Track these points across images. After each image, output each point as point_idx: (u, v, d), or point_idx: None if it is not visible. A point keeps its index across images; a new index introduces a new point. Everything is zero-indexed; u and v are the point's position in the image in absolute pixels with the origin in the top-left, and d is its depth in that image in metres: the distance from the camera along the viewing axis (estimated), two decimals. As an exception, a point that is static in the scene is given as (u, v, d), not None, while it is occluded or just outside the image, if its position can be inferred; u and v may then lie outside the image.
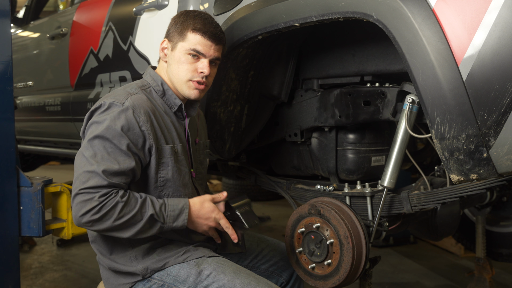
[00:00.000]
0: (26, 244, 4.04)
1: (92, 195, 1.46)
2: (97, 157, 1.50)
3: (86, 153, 1.51)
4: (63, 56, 3.09)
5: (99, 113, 1.56)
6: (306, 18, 1.62)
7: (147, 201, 1.54)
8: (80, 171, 1.49)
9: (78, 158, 1.53)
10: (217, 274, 1.58)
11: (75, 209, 1.47)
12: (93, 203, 1.45)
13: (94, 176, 1.47)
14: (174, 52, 1.67)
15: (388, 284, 3.23)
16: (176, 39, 1.67)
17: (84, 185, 1.47)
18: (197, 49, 1.64)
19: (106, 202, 1.46)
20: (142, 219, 1.52)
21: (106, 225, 1.48)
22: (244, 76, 2.07)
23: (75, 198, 1.47)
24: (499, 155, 1.34)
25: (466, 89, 1.32)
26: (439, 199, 1.71)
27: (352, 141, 2.01)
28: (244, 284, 1.55)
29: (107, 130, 1.51)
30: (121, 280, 1.65)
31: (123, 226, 1.50)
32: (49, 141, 3.53)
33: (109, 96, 1.61)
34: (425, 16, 1.36)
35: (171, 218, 1.57)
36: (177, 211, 1.58)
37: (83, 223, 1.48)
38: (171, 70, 1.69)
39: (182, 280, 1.59)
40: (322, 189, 1.99)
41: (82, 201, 1.46)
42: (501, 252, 2.71)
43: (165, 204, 1.57)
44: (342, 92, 1.94)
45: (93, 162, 1.49)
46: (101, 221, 1.47)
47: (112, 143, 1.51)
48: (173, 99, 1.70)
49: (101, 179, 1.47)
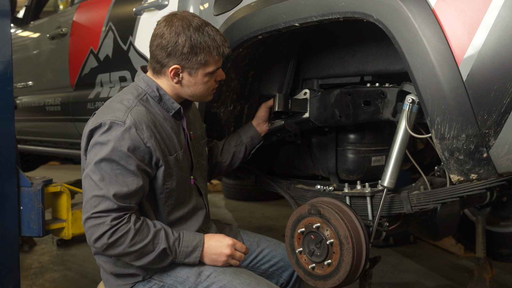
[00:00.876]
0: (26, 244, 4.04)
1: (103, 219, 1.47)
2: (106, 180, 1.49)
3: (94, 177, 1.49)
4: (63, 56, 3.09)
5: (101, 133, 1.53)
6: (306, 18, 1.62)
7: (161, 233, 1.54)
8: (90, 195, 1.49)
9: (86, 182, 1.52)
10: (217, 274, 1.58)
11: (88, 233, 1.49)
12: (105, 227, 1.46)
13: (104, 201, 1.47)
14: (195, 78, 1.64)
15: (388, 284, 3.23)
16: (194, 66, 1.61)
17: (95, 209, 1.47)
18: (218, 66, 1.66)
19: (119, 227, 1.47)
20: (154, 251, 1.53)
21: (119, 251, 1.49)
22: (244, 76, 2.07)
23: (87, 222, 1.48)
24: (499, 155, 1.34)
25: (466, 89, 1.32)
26: (439, 199, 1.71)
27: (352, 141, 2.01)
28: (244, 284, 1.54)
29: (113, 152, 1.49)
30: (121, 281, 1.65)
31: (136, 254, 1.51)
32: (49, 141, 3.53)
33: (106, 112, 1.57)
34: (425, 16, 1.36)
35: (183, 254, 1.58)
36: (191, 247, 1.59)
37: (97, 247, 1.49)
38: (191, 90, 1.67)
39: (182, 281, 1.59)
40: (322, 189, 1.99)
41: (94, 225, 1.47)
42: (501, 252, 2.71)
43: (180, 239, 1.57)
44: (342, 92, 1.94)
45: (102, 186, 1.48)
46: (114, 246, 1.48)
47: (119, 165, 1.50)
48: (171, 103, 1.68)
49: (112, 203, 1.47)
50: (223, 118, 2.11)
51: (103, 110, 1.61)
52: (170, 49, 1.59)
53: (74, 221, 2.43)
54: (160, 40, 1.60)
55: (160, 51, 1.61)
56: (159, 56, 1.62)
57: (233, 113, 2.13)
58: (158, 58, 1.62)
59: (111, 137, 1.51)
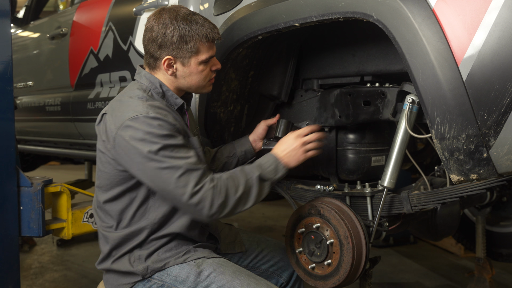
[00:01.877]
0: (26, 244, 4.05)
1: (204, 187, 1.52)
2: (176, 160, 1.51)
3: (165, 165, 1.50)
4: (63, 56, 3.09)
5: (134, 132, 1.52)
6: (306, 18, 1.62)
7: (245, 168, 1.63)
8: (174, 180, 1.50)
9: (162, 174, 1.51)
10: (216, 274, 1.58)
11: (198, 209, 1.52)
12: (209, 192, 1.52)
13: (189, 173, 1.51)
14: (189, 67, 1.65)
15: (388, 284, 3.23)
16: (186, 55, 1.63)
17: (189, 187, 1.50)
18: (211, 55, 1.67)
19: (217, 184, 1.54)
20: (253, 184, 1.60)
21: (232, 203, 1.55)
22: (244, 76, 2.07)
23: (191, 199, 1.50)
24: (499, 155, 1.34)
25: (466, 89, 1.32)
26: (439, 199, 1.71)
27: (352, 141, 2.01)
28: (243, 285, 1.55)
29: (159, 139, 1.50)
30: (121, 281, 1.65)
31: (244, 196, 1.58)
32: (49, 141, 3.53)
33: (124, 110, 1.56)
34: (425, 16, 1.36)
35: (272, 172, 1.66)
36: (273, 164, 1.67)
37: (215, 214, 1.53)
38: (187, 81, 1.68)
39: (182, 280, 1.59)
40: (322, 189, 1.99)
41: (200, 198, 1.51)
42: (501, 252, 2.71)
43: (260, 164, 1.66)
44: (342, 92, 1.94)
45: (178, 165, 1.50)
46: (226, 202, 1.54)
47: (172, 145, 1.52)
48: (174, 99, 1.69)
49: (197, 172, 1.53)
50: (223, 118, 2.11)
51: (119, 109, 1.59)
52: (160, 41, 1.61)
53: (74, 221, 2.43)
54: (150, 33, 1.63)
55: (152, 45, 1.64)
56: (151, 49, 1.65)
57: (233, 113, 2.13)
58: (151, 51, 1.65)
59: (147, 129, 1.51)
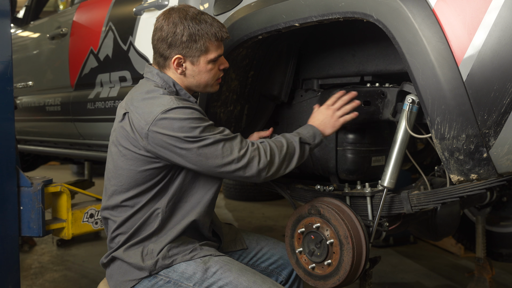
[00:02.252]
0: (26, 244, 4.05)
1: (247, 151, 1.59)
2: (216, 136, 1.57)
3: (207, 142, 1.56)
4: (63, 56, 3.09)
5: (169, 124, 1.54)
6: (306, 18, 1.62)
7: (285, 135, 1.71)
8: (219, 152, 1.57)
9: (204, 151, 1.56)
10: (223, 271, 1.59)
11: (248, 170, 1.59)
12: (254, 152, 1.59)
13: (230, 143, 1.59)
14: (198, 66, 1.68)
15: (388, 284, 3.23)
16: (195, 53, 1.65)
17: (234, 153, 1.58)
18: (220, 53, 1.69)
19: (259, 145, 1.62)
20: (296, 145, 1.68)
21: (277, 162, 1.63)
22: (244, 76, 2.07)
23: (240, 162, 1.58)
24: (499, 155, 1.34)
25: (466, 89, 1.32)
26: (439, 199, 1.71)
27: (352, 141, 2.01)
28: (250, 282, 1.56)
29: (195, 123, 1.55)
30: (127, 276, 1.65)
31: (288, 156, 1.66)
32: (49, 141, 3.53)
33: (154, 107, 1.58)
34: (425, 16, 1.36)
35: (311, 138, 1.73)
36: (311, 131, 1.74)
37: (263, 172, 1.61)
38: (196, 80, 1.70)
39: (189, 277, 1.60)
40: (322, 189, 1.99)
41: (248, 160, 1.58)
42: (501, 252, 2.71)
43: (298, 132, 1.73)
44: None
45: (219, 138, 1.56)
46: (273, 161, 1.62)
47: (207, 126, 1.57)
48: (187, 97, 1.71)
49: (235, 138, 1.61)
50: (223, 118, 2.11)
51: (146, 106, 1.60)
52: (170, 40, 1.64)
53: (74, 221, 2.44)
54: (160, 33, 1.66)
55: (161, 44, 1.66)
56: (161, 49, 1.67)
57: (233, 113, 2.13)
58: (161, 51, 1.67)
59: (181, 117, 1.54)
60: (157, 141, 1.56)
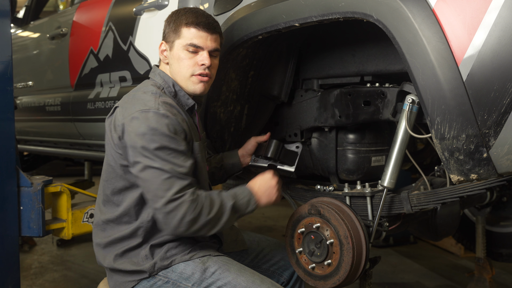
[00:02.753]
0: (26, 244, 4.04)
1: (183, 198, 1.50)
2: (168, 164, 1.51)
3: (156, 164, 1.51)
4: (63, 56, 3.09)
5: (139, 124, 1.53)
6: (306, 18, 1.62)
7: (222, 194, 1.63)
8: (158, 181, 1.50)
9: (148, 172, 1.52)
10: (222, 272, 1.59)
11: (170, 217, 1.50)
12: (185, 205, 1.50)
13: (175, 180, 1.51)
14: (173, 51, 1.68)
15: (388, 284, 3.23)
16: (172, 38, 1.67)
17: (170, 192, 1.49)
18: (194, 42, 1.65)
19: (197, 201, 1.53)
20: (225, 210, 1.59)
21: (201, 223, 1.53)
22: (244, 76, 2.07)
23: (167, 206, 1.49)
24: (499, 155, 1.34)
25: (466, 89, 1.32)
26: (439, 199, 1.71)
27: (352, 141, 2.01)
28: (248, 282, 1.56)
29: (161, 139, 1.52)
30: (126, 278, 1.65)
31: (213, 221, 1.56)
32: (49, 141, 3.53)
33: (135, 103, 1.58)
34: (425, 16, 1.36)
35: (244, 205, 1.66)
36: (247, 197, 1.67)
37: (181, 227, 1.51)
38: (173, 70, 1.70)
39: (187, 277, 1.60)
40: (322, 189, 1.99)
41: (175, 207, 1.49)
42: (501, 252, 2.71)
43: (235, 194, 1.65)
44: (342, 92, 1.94)
45: (167, 169, 1.51)
46: (196, 220, 1.53)
47: (171, 149, 1.53)
48: (186, 99, 1.71)
49: (182, 181, 1.52)
50: (223, 118, 2.11)
51: (131, 101, 1.62)
52: (163, 32, 1.72)
53: (74, 221, 2.43)
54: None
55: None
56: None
57: (233, 113, 2.13)
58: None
59: (152, 125, 1.52)
60: (126, 138, 1.56)
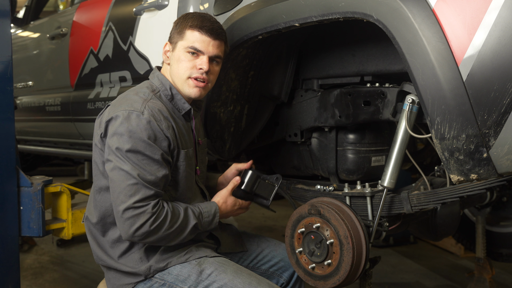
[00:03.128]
0: (26, 244, 4.04)
1: (144, 208, 1.49)
2: (137, 169, 1.50)
3: (125, 167, 1.51)
4: (63, 56, 3.09)
5: (119, 123, 1.54)
6: (306, 18, 1.62)
7: (189, 211, 1.62)
8: (123, 185, 1.50)
9: (115, 173, 1.52)
10: (218, 273, 1.58)
11: (127, 224, 1.49)
12: (146, 215, 1.49)
13: (140, 188, 1.49)
14: (175, 52, 1.69)
15: (388, 284, 3.23)
16: (176, 39, 1.68)
17: (133, 199, 1.48)
18: (195, 46, 1.65)
19: (158, 213, 1.51)
20: (187, 228, 1.59)
21: (158, 236, 1.53)
22: (244, 76, 2.07)
23: (125, 212, 1.49)
24: (499, 155, 1.34)
25: (466, 89, 1.32)
26: (439, 199, 1.71)
27: (352, 141, 2.01)
28: (245, 283, 1.55)
29: (136, 143, 1.51)
30: (123, 280, 1.65)
31: (172, 236, 1.56)
32: (49, 141, 3.53)
33: (123, 103, 1.59)
34: (425, 16, 1.36)
35: (206, 223, 1.67)
36: (211, 216, 1.68)
37: (136, 236, 1.51)
38: (172, 70, 1.70)
39: (183, 279, 1.59)
40: (322, 189, 1.99)
41: (134, 215, 1.49)
42: (501, 252, 2.71)
43: (201, 212, 1.66)
44: (342, 92, 1.94)
45: (135, 174, 1.50)
46: (154, 233, 1.52)
47: (145, 155, 1.52)
48: (182, 103, 1.71)
49: (148, 190, 1.50)
50: (223, 118, 2.11)
51: (119, 101, 1.62)
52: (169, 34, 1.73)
53: (74, 221, 2.44)
54: None
55: None
56: None
57: (233, 113, 2.13)
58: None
59: (131, 128, 1.52)
60: (107, 135, 1.57)
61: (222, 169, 2.47)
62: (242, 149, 2.27)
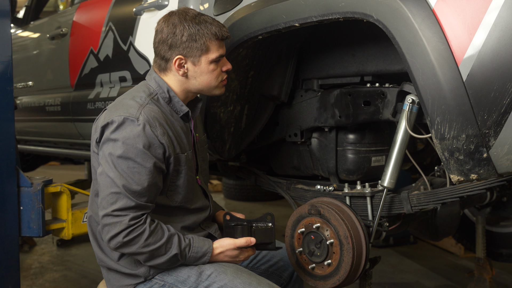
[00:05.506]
0: (26, 244, 4.04)
1: (121, 218, 1.49)
2: (123, 178, 1.50)
3: (111, 174, 1.50)
4: (63, 56, 3.09)
5: (114, 129, 1.53)
6: (306, 18, 1.62)
7: (174, 238, 1.56)
8: (107, 192, 1.50)
9: (102, 178, 1.53)
10: (218, 274, 1.58)
11: (104, 230, 1.51)
12: (121, 226, 1.48)
13: (122, 198, 1.49)
14: (199, 67, 1.65)
15: (388, 284, 3.23)
16: (196, 53, 1.63)
17: (112, 207, 1.48)
18: (221, 53, 1.67)
19: (135, 228, 1.49)
20: (165, 254, 1.55)
21: (132, 250, 1.52)
22: (244, 76, 2.07)
23: (104, 219, 1.50)
24: (499, 155, 1.34)
25: (466, 89, 1.32)
26: (439, 199, 1.71)
27: (352, 141, 2.01)
28: (245, 284, 1.55)
29: (129, 149, 1.51)
30: (123, 282, 1.65)
31: (147, 255, 1.54)
32: (49, 141, 3.53)
33: (119, 108, 1.58)
34: (425, 16, 1.36)
35: (192, 259, 1.60)
36: (200, 253, 1.60)
37: (112, 244, 1.51)
38: (198, 82, 1.68)
39: (183, 280, 1.59)
40: (322, 189, 1.99)
41: (111, 223, 1.49)
42: (501, 252, 2.71)
43: (190, 245, 1.59)
44: (342, 92, 1.94)
45: (119, 183, 1.49)
46: (128, 245, 1.51)
47: (136, 162, 1.51)
48: (180, 106, 1.70)
49: (129, 201, 1.49)
50: (223, 118, 2.11)
51: (115, 106, 1.62)
52: (170, 41, 1.62)
53: (74, 221, 2.43)
54: (161, 35, 1.65)
55: (162, 46, 1.65)
56: (162, 51, 1.65)
57: (233, 113, 2.13)
58: (162, 53, 1.66)
59: (126, 134, 1.52)
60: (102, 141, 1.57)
61: (222, 169, 2.47)
62: (242, 149, 2.27)
